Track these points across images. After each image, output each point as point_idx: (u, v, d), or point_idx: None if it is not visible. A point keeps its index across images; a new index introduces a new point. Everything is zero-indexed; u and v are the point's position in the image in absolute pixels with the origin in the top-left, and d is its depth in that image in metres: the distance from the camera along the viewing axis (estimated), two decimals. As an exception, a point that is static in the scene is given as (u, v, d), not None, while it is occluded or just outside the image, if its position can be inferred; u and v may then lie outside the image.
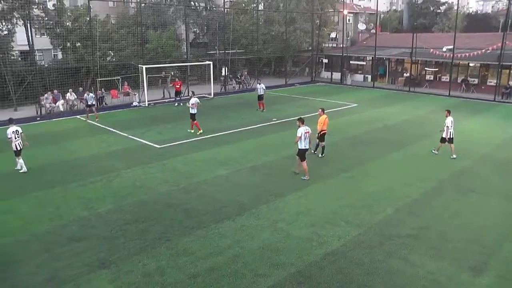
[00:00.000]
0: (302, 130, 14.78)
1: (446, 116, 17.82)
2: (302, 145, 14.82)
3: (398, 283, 8.83)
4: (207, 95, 33.61)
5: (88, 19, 30.17)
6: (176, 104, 29.46)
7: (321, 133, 17.49)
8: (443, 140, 17.79)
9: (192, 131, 21.53)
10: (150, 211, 12.30)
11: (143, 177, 15.15)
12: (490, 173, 15.80)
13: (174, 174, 15.54)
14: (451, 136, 17.62)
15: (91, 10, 30.27)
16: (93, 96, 24.93)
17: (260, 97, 27.17)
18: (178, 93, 29.78)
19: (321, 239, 10.59)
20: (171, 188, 14.10)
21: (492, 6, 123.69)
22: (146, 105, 29.48)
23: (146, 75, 29.57)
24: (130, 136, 20.90)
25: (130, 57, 34.08)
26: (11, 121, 15.97)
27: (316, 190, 13.98)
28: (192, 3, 41.66)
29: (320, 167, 16.30)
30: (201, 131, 21.29)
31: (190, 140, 20.23)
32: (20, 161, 15.86)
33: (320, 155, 17.59)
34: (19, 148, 15.78)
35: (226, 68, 38.63)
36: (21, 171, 15.82)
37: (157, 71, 33.58)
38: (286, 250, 10.06)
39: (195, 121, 21.32)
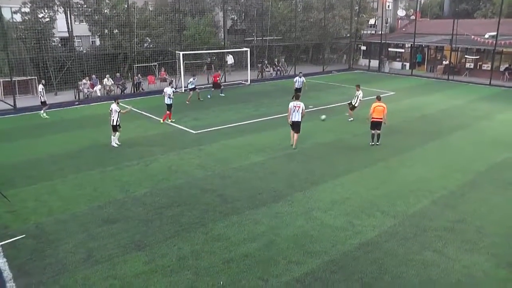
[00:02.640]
0: (291, 105, 16.63)
1: (357, 90, 20.84)
2: (293, 118, 16.58)
3: (432, 276, 8.72)
4: (243, 82, 33.69)
5: (126, 6, 30.66)
6: (209, 96, 29.16)
7: (371, 120, 17.27)
8: (352, 107, 21.06)
9: (164, 121, 21.33)
10: (186, 196, 12.52)
11: (179, 162, 15.41)
12: (532, 166, 15.28)
13: (210, 159, 15.74)
14: (356, 105, 20.86)
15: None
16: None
17: (298, 90, 24.41)
18: (216, 85, 28.55)
19: (355, 229, 10.55)
20: (207, 174, 14.29)
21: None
22: (183, 91, 29.80)
23: (183, 61, 29.82)
24: (166, 122, 21.21)
25: (167, 44, 34.43)
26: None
27: (352, 179, 13.88)
28: (230, -10, 41.70)
29: (356, 156, 16.18)
30: (171, 119, 21.24)
31: (226, 126, 20.41)
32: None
33: (371, 143, 17.50)
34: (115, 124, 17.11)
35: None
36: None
37: (194, 57, 33.83)
38: (320, 239, 10.07)
39: (169, 112, 21.23)
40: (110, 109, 17.11)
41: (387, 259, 9.26)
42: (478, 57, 38.16)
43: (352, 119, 21.38)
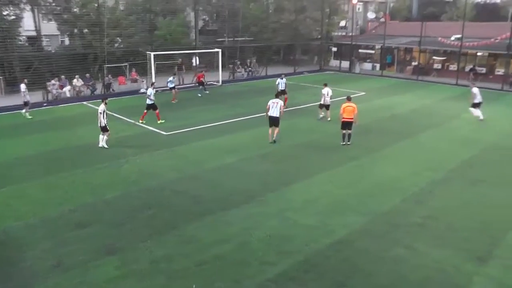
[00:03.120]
0: (270, 101, 17.69)
1: (324, 88, 21.25)
2: (270, 113, 17.49)
3: (403, 272, 8.87)
4: (215, 82, 33.54)
5: (96, 5, 30.07)
6: (200, 94, 28.98)
7: (342, 120, 17.51)
8: (321, 106, 21.52)
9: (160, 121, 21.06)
10: (158, 198, 12.37)
11: (151, 164, 15.23)
12: (499, 163, 15.76)
13: (182, 161, 15.60)
14: (327, 104, 21.17)
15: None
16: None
17: (283, 92, 23.67)
18: (200, 83, 29.20)
19: (328, 228, 10.62)
20: (179, 175, 14.16)
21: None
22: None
23: (154, 61, 29.49)
24: (137, 123, 20.92)
25: (138, 44, 33.98)
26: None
27: (325, 179, 13.98)
28: (202, -11, 41.52)
29: (329, 156, 16.31)
30: (143, 121, 20.96)
31: (199, 127, 20.24)
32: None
33: (342, 143, 17.70)
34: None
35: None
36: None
37: (165, 58, 33.53)
38: (293, 238, 10.10)
39: (148, 111, 21.01)
40: (101, 111, 16.85)
41: (359, 257, 9.36)
42: (445, 58, 39.16)
43: (326, 118, 21.63)
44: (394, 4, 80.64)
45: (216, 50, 34.55)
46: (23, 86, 22.21)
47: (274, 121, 17.55)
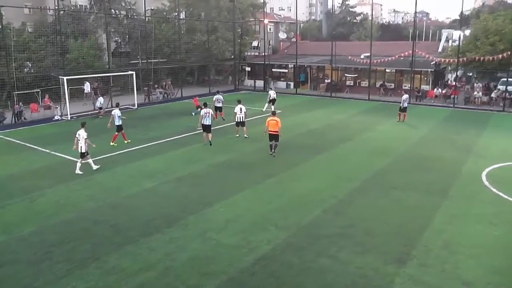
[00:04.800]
0: (203, 111, 20.77)
1: (239, 104, 22.33)
2: (205, 121, 20.68)
3: (328, 281, 9.20)
4: (130, 106, 32.82)
5: (0, 27, 28.45)
6: (194, 113, 28.74)
7: (268, 133, 18.84)
8: (237, 124, 22.25)
9: (126, 141, 21.40)
10: (77, 230, 11.83)
11: (67, 195, 14.54)
12: (409, 170, 16.93)
13: (99, 189, 15.07)
14: (242, 120, 22.09)
15: (3, 17, 28.57)
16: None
17: (219, 109, 26.88)
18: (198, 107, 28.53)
19: (251, 245, 10.75)
20: (98, 204, 13.66)
21: (402, 18, 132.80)
22: (69, 118, 28.29)
23: (67, 86, 28.36)
24: (52, 152, 19.93)
25: (50, 68, 32.53)
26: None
27: (245, 197, 14.18)
28: (112, 11, 40.73)
29: (247, 174, 16.56)
30: (126, 140, 21.44)
31: (115, 153, 19.68)
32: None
33: (270, 153, 18.97)
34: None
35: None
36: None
37: (79, 82, 32.41)
38: (217, 259, 10.12)
39: (119, 132, 21.32)
40: (77, 134, 16.65)
41: (284, 271, 9.58)
42: (356, 75, 41.50)
43: (246, 136, 22.17)
44: (304, 24, 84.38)
45: (130, 72, 33.91)
46: None
47: (207, 128, 20.84)
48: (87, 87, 33.44)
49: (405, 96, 27.24)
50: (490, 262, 9.99)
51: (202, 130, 21.19)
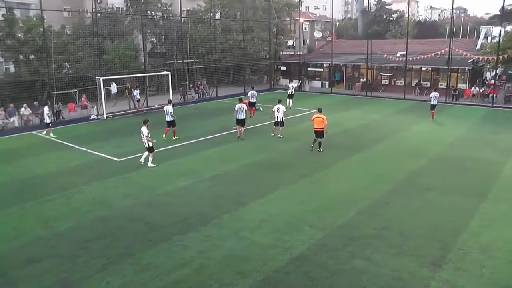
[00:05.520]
0: (237, 106, 21.81)
1: (277, 104, 22.17)
2: (239, 116, 21.73)
3: (363, 282, 9.03)
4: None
5: (42, 30, 29.38)
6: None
7: (314, 130, 19.21)
8: (276, 123, 21.96)
9: (175, 137, 22.15)
10: (112, 227, 12.05)
11: (103, 192, 14.85)
12: (444, 171, 16.45)
13: (135, 187, 15.31)
14: (281, 120, 21.78)
15: (45, 20, 29.51)
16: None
17: (251, 104, 28.01)
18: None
19: (285, 245, 10.67)
20: (133, 202, 13.87)
21: (439, 15, 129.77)
22: (105, 118, 28.92)
23: (104, 86, 29.00)
24: (89, 151, 20.42)
25: (87, 69, 33.35)
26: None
27: (279, 197, 14.10)
28: (148, 12, 41.34)
29: (282, 173, 16.46)
30: (175, 137, 22.32)
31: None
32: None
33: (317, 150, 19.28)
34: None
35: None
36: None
37: (116, 83, 33.06)
38: (251, 258, 10.09)
39: (170, 127, 22.31)
40: (141, 131, 17.42)
41: (318, 271, 9.45)
42: (392, 74, 40.76)
43: (280, 136, 21.96)
44: (340, 23, 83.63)
45: (165, 72, 34.34)
46: None
47: (241, 122, 21.87)
48: (113, 88, 33.60)
49: (433, 94, 26.85)
50: (531, 267, 9.57)
51: (236, 124, 22.10)
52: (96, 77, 29.83)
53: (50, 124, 23.84)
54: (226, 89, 40.83)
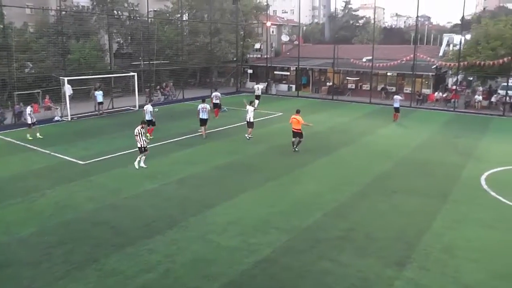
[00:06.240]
0: (200, 106, 22.70)
1: (249, 105, 22.46)
2: (202, 115, 22.57)
3: (329, 284, 9.16)
4: (131, 108, 32.79)
5: (2, 26, 28.41)
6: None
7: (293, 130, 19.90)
8: (249, 125, 22.31)
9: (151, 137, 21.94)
10: (76, 231, 11.78)
11: (67, 196, 14.49)
12: (409, 174, 16.87)
13: (100, 190, 15.02)
14: (251, 121, 22.21)
15: (5, 17, 28.57)
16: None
17: (215, 105, 28.72)
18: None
19: (251, 247, 10.70)
20: (98, 206, 13.60)
21: (404, 22, 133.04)
22: (69, 119, 28.27)
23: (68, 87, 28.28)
24: (53, 153, 19.88)
25: (51, 69, 32.41)
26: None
27: (246, 199, 14.12)
28: (115, 12, 40.66)
29: (249, 176, 16.49)
30: (150, 136, 22.11)
31: (117, 154, 19.62)
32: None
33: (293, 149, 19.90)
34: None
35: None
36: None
37: (80, 83, 32.31)
38: (217, 261, 10.07)
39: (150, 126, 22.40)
40: (136, 133, 17.29)
41: (284, 274, 9.53)
42: (358, 78, 41.45)
43: (250, 136, 22.27)
44: (307, 27, 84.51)
45: (131, 73, 33.86)
46: None
47: (203, 122, 22.63)
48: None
49: (396, 97, 28.93)
50: (490, 266, 9.96)
51: (200, 125, 22.76)
52: (61, 78, 29.10)
53: (32, 125, 22.89)
54: (193, 92, 40.60)
